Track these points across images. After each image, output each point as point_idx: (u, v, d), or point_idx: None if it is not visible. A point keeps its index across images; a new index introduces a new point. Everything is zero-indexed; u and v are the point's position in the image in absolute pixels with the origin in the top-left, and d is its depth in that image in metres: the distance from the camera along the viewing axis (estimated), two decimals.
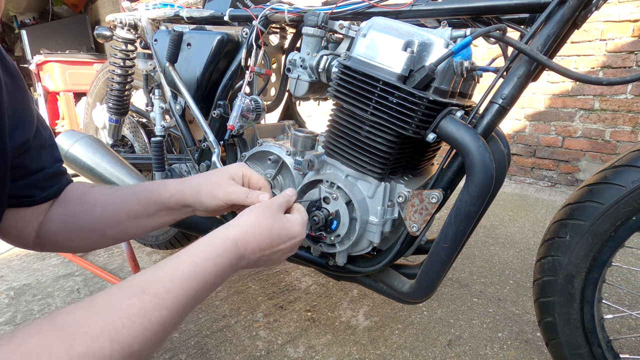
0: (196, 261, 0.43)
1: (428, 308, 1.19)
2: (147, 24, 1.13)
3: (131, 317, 0.35)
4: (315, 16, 0.79)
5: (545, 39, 0.60)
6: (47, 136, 0.56)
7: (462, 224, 0.65)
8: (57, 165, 0.58)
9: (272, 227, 0.52)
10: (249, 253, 0.49)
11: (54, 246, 0.61)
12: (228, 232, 0.49)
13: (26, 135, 0.49)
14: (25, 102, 0.49)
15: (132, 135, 1.44)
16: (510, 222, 1.94)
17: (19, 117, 0.48)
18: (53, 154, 0.57)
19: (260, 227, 0.51)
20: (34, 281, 1.36)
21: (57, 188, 0.58)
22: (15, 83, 0.47)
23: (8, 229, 0.55)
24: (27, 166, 0.52)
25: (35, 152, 0.53)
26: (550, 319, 0.71)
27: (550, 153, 2.59)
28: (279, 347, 1.01)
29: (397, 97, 0.62)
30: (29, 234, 0.57)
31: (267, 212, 0.54)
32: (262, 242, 0.51)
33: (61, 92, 3.75)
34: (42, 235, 0.58)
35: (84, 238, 0.60)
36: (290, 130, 1.12)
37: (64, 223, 0.58)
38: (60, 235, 0.58)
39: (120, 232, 0.61)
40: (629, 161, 0.61)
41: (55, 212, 0.59)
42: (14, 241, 0.57)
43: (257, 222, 0.52)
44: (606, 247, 0.63)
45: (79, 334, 0.31)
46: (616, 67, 2.25)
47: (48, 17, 5.51)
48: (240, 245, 0.49)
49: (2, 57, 0.46)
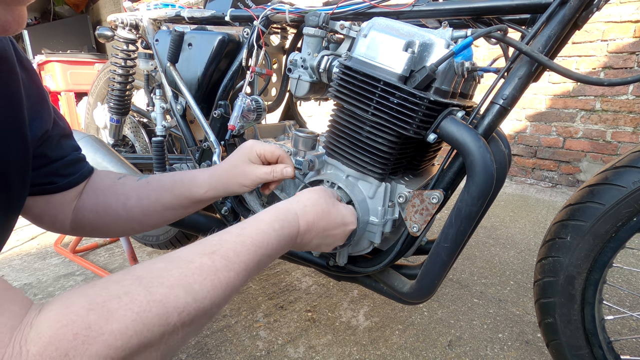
0: (263, 229, 0.46)
1: (428, 309, 1.19)
2: (149, 24, 1.13)
3: (202, 274, 0.37)
4: (316, 16, 0.79)
5: (546, 39, 0.60)
6: (64, 126, 0.58)
7: (462, 224, 0.65)
8: (75, 153, 0.60)
9: (330, 211, 0.56)
10: (307, 231, 0.52)
11: (93, 232, 0.63)
12: (292, 207, 0.52)
13: (45, 127, 0.51)
14: (41, 95, 0.51)
15: (133, 135, 1.44)
16: (511, 222, 1.94)
17: (36, 109, 0.49)
18: (71, 142, 0.59)
19: (322, 207, 0.55)
20: (34, 280, 1.36)
21: (80, 175, 0.60)
22: (30, 77, 0.49)
23: (41, 216, 0.58)
24: (47, 155, 0.54)
25: (55, 142, 0.55)
26: (551, 320, 0.71)
27: (551, 154, 2.58)
28: (279, 347, 1.01)
29: (398, 98, 0.62)
30: (63, 219, 0.59)
31: (326, 196, 0.57)
32: (319, 222, 0.53)
33: (62, 92, 3.75)
34: (79, 221, 0.60)
35: (121, 225, 0.62)
36: (291, 130, 1.12)
37: (98, 213, 0.61)
38: (96, 222, 0.61)
39: (160, 220, 0.65)
40: (630, 162, 0.61)
41: (87, 201, 0.61)
42: (50, 227, 0.60)
43: (317, 202, 0.55)
44: (607, 248, 0.63)
45: (156, 283, 0.34)
46: (617, 67, 2.24)
47: (49, 17, 5.51)
48: (301, 220, 0.51)
49: (17, 52, 0.47)
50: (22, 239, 1.73)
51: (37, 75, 0.51)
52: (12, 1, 0.33)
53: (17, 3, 0.34)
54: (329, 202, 0.56)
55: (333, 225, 0.56)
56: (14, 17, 0.34)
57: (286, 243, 0.49)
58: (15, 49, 0.47)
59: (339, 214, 0.57)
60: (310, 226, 0.53)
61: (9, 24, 0.33)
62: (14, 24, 0.34)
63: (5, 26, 0.33)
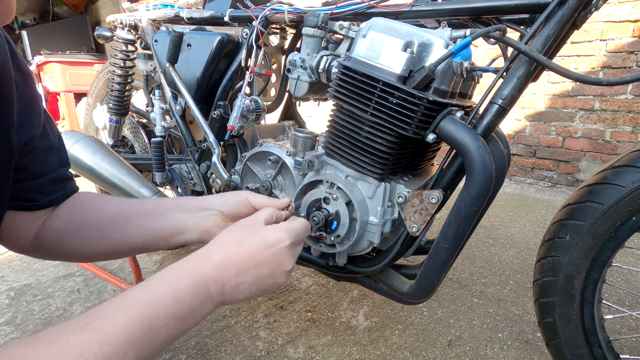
0: (153, 286, 0.38)
1: (428, 308, 1.19)
2: (148, 25, 1.13)
3: (64, 357, 0.30)
4: (315, 17, 0.79)
5: (545, 39, 0.60)
6: (56, 139, 0.54)
7: (462, 224, 0.65)
8: (63, 169, 0.55)
9: (243, 241, 0.46)
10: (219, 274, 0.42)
11: (54, 250, 0.57)
12: (193, 256, 0.44)
13: (31, 133, 0.48)
14: (33, 100, 0.48)
15: (132, 136, 1.44)
16: (511, 222, 1.94)
17: (26, 113, 0.47)
18: (59, 157, 0.55)
19: (230, 242, 0.45)
20: (34, 281, 1.36)
21: (62, 194, 0.55)
22: (25, 80, 0.47)
23: (3, 232, 0.52)
24: (30, 168, 0.50)
25: (41, 155, 0.51)
26: (550, 320, 0.71)
27: (550, 153, 2.59)
28: (279, 347, 1.01)
29: (397, 98, 0.62)
30: (26, 236, 0.54)
31: (238, 227, 0.48)
32: (233, 258, 0.44)
33: (61, 92, 3.75)
34: (42, 237, 0.55)
35: (92, 243, 0.56)
36: (290, 130, 1.12)
37: (69, 224, 0.55)
38: (63, 238, 0.55)
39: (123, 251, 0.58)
40: (629, 161, 0.61)
41: (62, 213, 0.56)
42: (9, 244, 0.55)
43: (225, 239, 0.46)
44: (606, 248, 0.63)
45: None
46: (616, 67, 2.25)
47: (48, 17, 5.51)
48: (205, 265, 0.42)
49: (14, 54, 0.45)
50: None
51: (32, 78, 0.49)
52: None
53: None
54: (241, 232, 0.47)
55: (254, 253, 0.45)
56: (3, 6, 0.32)
57: (192, 296, 0.39)
58: (11, 50, 0.45)
59: (256, 238, 0.46)
60: (222, 267, 0.43)
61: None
62: (2, 15, 0.32)
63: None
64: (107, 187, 1.07)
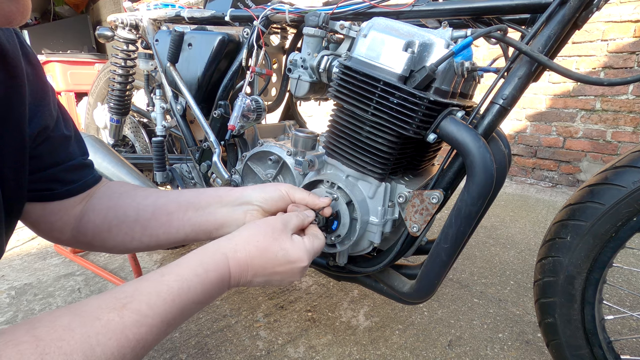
0: (184, 276, 0.41)
1: (429, 308, 1.19)
2: (149, 24, 1.13)
3: (108, 334, 0.34)
4: (316, 16, 0.79)
5: (546, 39, 0.60)
6: (71, 130, 0.54)
7: (462, 224, 0.65)
8: (81, 158, 0.56)
9: (268, 248, 0.49)
10: (240, 272, 0.47)
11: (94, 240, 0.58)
12: (221, 248, 0.47)
13: (44, 123, 0.48)
14: (44, 91, 0.49)
15: (133, 135, 1.44)
16: (511, 222, 1.94)
17: (37, 105, 0.47)
18: (76, 146, 0.55)
19: (257, 244, 0.48)
20: (35, 280, 1.36)
21: (83, 183, 0.56)
22: (36, 72, 0.47)
23: (38, 223, 0.54)
24: (45, 158, 0.50)
25: (56, 144, 0.51)
26: (551, 320, 0.71)
27: (551, 153, 2.58)
28: (280, 347, 1.01)
29: (397, 98, 0.62)
30: (62, 227, 0.55)
31: (266, 231, 0.50)
32: (254, 261, 0.47)
33: (62, 92, 3.76)
34: (81, 227, 0.56)
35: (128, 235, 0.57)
36: (291, 130, 1.12)
37: (106, 217, 0.56)
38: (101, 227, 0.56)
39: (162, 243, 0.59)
40: (630, 162, 0.61)
41: (97, 205, 0.57)
42: (47, 235, 0.56)
43: (252, 239, 0.49)
44: (607, 248, 0.63)
45: (54, 348, 0.31)
46: (617, 67, 2.24)
47: (49, 17, 5.51)
48: (231, 262, 0.46)
49: (24, 47, 0.46)
50: (22, 239, 1.73)
51: (42, 70, 0.49)
52: None
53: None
54: (268, 237, 0.49)
55: (274, 263, 0.49)
56: (18, 7, 0.33)
57: (215, 287, 0.44)
58: (21, 43, 0.45)
59: (281, 250, 0.49)
60: (243, 267, 0.47)
61: (13, 14, 0.32)
62: (18, 15, 0.33)
63: (10, 16, 0.32)
64: None
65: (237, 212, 0.58)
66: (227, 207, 0.59)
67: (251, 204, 0.59)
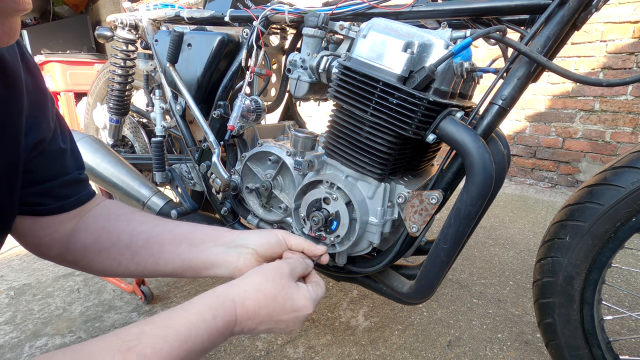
0: (192, 321, 0.41)
1: (428, 309, 1.19)
2: (148, 25, 1.13)
3: None
4: (316, 17, 0.79)
5: (545, 40, 0.60)
6: (67, 142, 0.53)
7: (461, 224, 0.65)
8: (76, 173, 0.54)
9: (276, 296, 0.48)
10: (246, 319, 0.46)
11: (82, 260, 0.56)
12: (230, 293, 0.46)
13: (41, 136, 0.47)
14: (43, 103, 0.47)
15: (132, 136, 1.44)
16: (511, 223, 1.94)
17: (36, 116, 0.46)
18: (71, 161, 0.53)
19: (266, 293, 0.47)
20: (34, 281, 1.36)
21: (76, 200, 0.54)
22: (36, 82, 0.46)
23: (25, 236, 0.52)
24: (39, 172, 0.48)
25: (51, 158, 0.50)
26: (550, 320, 0.71)
27: (550, 154, 2.59)
28: (279, 347, 1.01)
29: (397, 98, 0.62)
30: (49, 243, 0.53)
31: (274, 278, 0.49)
32: (262, 310, 0.47)
33: (62, 92, 3.75)
34: (71, 245, 0.54)
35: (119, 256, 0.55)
36: (290, 130, 1.12)
37: (100, 237, 0.55)
38: (92, 248, 0.55)
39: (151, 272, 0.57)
40: (629, 162, 0.61)
41: (90, 224, 0.55)
42: (33, 249, 0.55)
43: (261, 287, 0.48)
44: (606, 248, 0.63)
45: None
46: (616, 68, 2.25)
47: (49, 17, 5.51)
48: (239, 309, 0.45)
49: (24, 56, 0.44)
50: None
51: (43, 80, 0.48)
52: (4, 12, 0.30)
53: (8, 14, 0.30)
54: (277, 285, 0.49)
55: (281, 312, 0.48)
56: (4, 28, 0.31)
57: (221, 335, 0.43)
58: (22, 51, 0.44)
59: (288, 299, 0.49)
60: (251, 315, 0.46)
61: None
62: (4, 37, 0.31)
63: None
64: (107, 186, 1.07)
65: (231, 254, 0.57)
66: (221, 247, 0.58)
67: (246, 247, 0.58)
